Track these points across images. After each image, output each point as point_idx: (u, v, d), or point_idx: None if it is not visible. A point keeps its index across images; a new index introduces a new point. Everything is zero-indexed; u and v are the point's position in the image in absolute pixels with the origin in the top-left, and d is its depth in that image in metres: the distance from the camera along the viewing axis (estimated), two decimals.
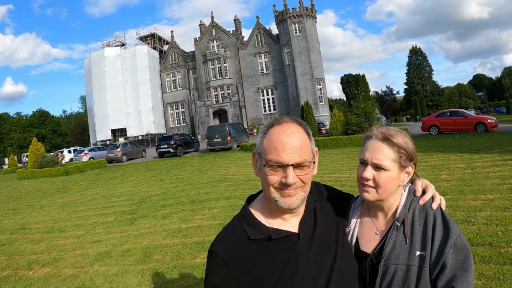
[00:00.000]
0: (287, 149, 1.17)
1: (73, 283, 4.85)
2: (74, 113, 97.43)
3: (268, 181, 1.20)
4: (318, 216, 1.33)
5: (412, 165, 1.36)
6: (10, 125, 72.00)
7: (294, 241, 1.23)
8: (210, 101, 49.51)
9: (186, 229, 6.70)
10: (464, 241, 1.23)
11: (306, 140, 1.23)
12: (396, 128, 1.47)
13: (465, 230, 4.85)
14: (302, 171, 1.19)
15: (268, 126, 1.26)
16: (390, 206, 1.36)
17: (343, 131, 22.01)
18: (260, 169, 1.25)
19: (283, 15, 46.87)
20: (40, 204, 12.17)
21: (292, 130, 1.21)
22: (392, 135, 1.34)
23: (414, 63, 77.30)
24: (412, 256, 1.25)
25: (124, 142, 31.99)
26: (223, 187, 10.62)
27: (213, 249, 1.24)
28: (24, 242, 7.33)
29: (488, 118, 21.01)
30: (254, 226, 1.25)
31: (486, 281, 3.55)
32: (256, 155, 1.28)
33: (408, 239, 1.28)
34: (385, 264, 1.28)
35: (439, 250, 1.22)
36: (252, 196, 1.41)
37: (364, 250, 1.37)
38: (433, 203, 1.31)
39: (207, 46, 51.46)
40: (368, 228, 1.40)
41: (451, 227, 1.23)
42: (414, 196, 1.35)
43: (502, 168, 8.82)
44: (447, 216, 1.27)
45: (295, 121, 1.26)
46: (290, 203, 1.20)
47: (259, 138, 1.27)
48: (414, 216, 1.30)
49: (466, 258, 1.21)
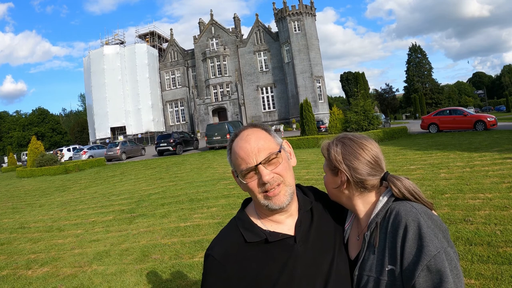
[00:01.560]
0: (250, 152, 1.19)
1: (71, 283, 4.84)
2: (74, 111, 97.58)
3: (250, 189, 1.22)
4: (315, 218, 1.32)
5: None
6: (9, 124, 71.97)
7: (291, 244, 1.23)
8: (209, 99, 49.49)
9: (185, 228, 6.70)
10: (441, 262, 1.03)
11: (265, 136, 1.24)
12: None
13: (464, 230, 4.85)
14: (274, 164, 1.21)
15: (230, 142, 1.29)
16: (364, 210, 1.29)
17: (342, 129, 21.99)
18: (241, 183, 1.26)
19: (282, 13, 46.82)
20: (39, 203, 12.16)
21: (248, 133, 1.24)
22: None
23: (414, 61, 77.27)
24: (383, 270, 1.14)
25: (124, 140, 31.94)
26: (222, 185, 10.61)
27: (210, 253, 1.24)
28: (23, 241, 7.33)
29: (488, 116, 20.99)
30: (251, 229, 1.25)
31: (484, 281, 3.55)
32: (234, 173, 1.30)
33: (377, 250, 1.18)
34: (358, 273, 1.22)
35: (408, 271, 1.07)
36: (248, 199, 1.40)
37: (350, 255, 1.32)
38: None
39: (206, 44, 51.42)
40: (354, 232, 1.36)
41: (425, 245, 1.05)
42: (395, 201, 1.21)
43: (501, 167, 8.82)
44: (425, 229, 1.08)
45: (251, 125, 1.29)
46: (279, 202, 1.20)
47: (228, 156, 1.30)
48: (388, 225, 1.18)
49: (442, 283, 1.02)
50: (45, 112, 70.92)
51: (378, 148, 1.30)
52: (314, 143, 19.79)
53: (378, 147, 1.31)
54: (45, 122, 68.93)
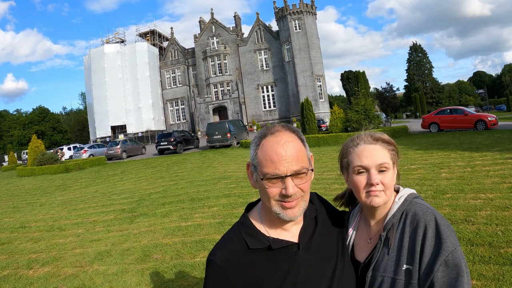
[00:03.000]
0: (283, 160, 1.14)
1: (73, 283, 4.85)
2: (74, 110, 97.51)
3: (267, 194, 1.17)
4: (319, 225, 1.31)
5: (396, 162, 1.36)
6: (9, 122, 71.88)
7: (294, 251, 1.22)
8: (210, 98, 49.46)
9: (186, 228, 6.70)
10: (458, 257, 1.12)
11: (301, 147, 1.20)
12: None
13: (465, 230, 4.84)
14: (301, 180, 1.16)
15: (260, 136, 1.22)
16: (385, 210, 1.32)
17: (343, 128, 22.02)
18: (257, 182, 1.22)
19: (283, 12, 46.74)
20: (40, 202, 12.17)
21: (286, 139, 1.17)
22: (379, 135, 1.34)
23: (414, 60, 77.13)
24: (399, 270, 1.18)
25: (124, 139, 31.92)
26: (222, 184, 10.61)
27: (212, 258, 1.22)
28: (24, 241, 7.33)
29: (488, 115, 20.97)
30: (254, 235, 1.24)
31: (485, 281, 3.54)
32: (251, 167, 1.25)
33: (392, 251, 1.22)
34: (372, 275, 1.24)
35: (428, 267, 1.13)
36: (251, 204, 1.39)
37: (357, 258, 1.34)
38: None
39: (207, 43, 51.36)
40: (362, 236, 1.37)
41: (443, 242, 1.13)
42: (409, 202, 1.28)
43: (502, 167, 8.81)
44: (443, 228, 1.16)
45: (287, 129, 1.22)
46: (292, 214, 1.18)
47: (252, 149, 1.23)
48: (404, 226, 1.23)
49: (458, 277, 1.10)
50: (46, 111, 70.84)
51: None
52: (315, 142, 19.79)
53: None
54: (46, 120, 68.85)
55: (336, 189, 8.20)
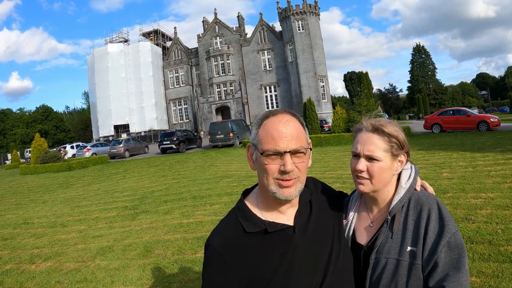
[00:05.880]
0: (284, 137, 1.18)
1: (75, 277, 4.89)
2: (77, 109, 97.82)
3: (266, 170, 1.20)
4: (313, 208, 1.34)
5: (404, 154, 1.37)
6: (13, 121, 72.17)
7: (290, 234, 1.24)
8: (212, 98, 49.54)
9: (188, 225, 6.74)
10: (459, 239, 1.20)
11: (301, 129, 1.25)
12: (386, 118, 1.48)
13: (465, 228, 4.86)
14: (299, 158, 1.20)
15: (263, 118, 1.27)
16: (385, 197, 1.36)
17: (345, 129, 21.99)
18: (256, 160, 1.25)
19: (286, 12, 46.76)
20: (43, 199, 12.24)
21: (287, 119, 1.22)
22: (382, 125, 1.35)
23: (418, 61, 76.94)
24: (403, 251, 1.24)
25: (127, 138, 32.02)
26: (225, 183, 10.65)
27: (210, 243, 1.24)
28: (26, 237, 7.38)
29: (491, 116, 20.94)
30: (250, 219, 1.26)
31: (484, 278, 3.56)
32: (252, 147, 1.28)
33: (396, 234, 1.27)
34: (376, 257, 1.28)
35: (431, 248, 1.20)
36: (247, 190, 1.42)
37: (359, 241, 1.38)
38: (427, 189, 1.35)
39: (210, 43, 51.43)
40: (364, 220, 1.41)
41: (446, 224, 1.20)
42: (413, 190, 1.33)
43: (503, 167, 8.81)
44: (444, 212, 1.24)
45: (289, 112, 1.28)
46: (288, 194, 1.21)
47: (254, 129, 1.27)
48: (408, 209, 1.29)
49: (459, 257, 1.18)
50: (49, 110, 71.05)
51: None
52: (317, 142, 19.81)
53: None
54: (49, 119, 69.06)
55: (337, 188, 8.16)
